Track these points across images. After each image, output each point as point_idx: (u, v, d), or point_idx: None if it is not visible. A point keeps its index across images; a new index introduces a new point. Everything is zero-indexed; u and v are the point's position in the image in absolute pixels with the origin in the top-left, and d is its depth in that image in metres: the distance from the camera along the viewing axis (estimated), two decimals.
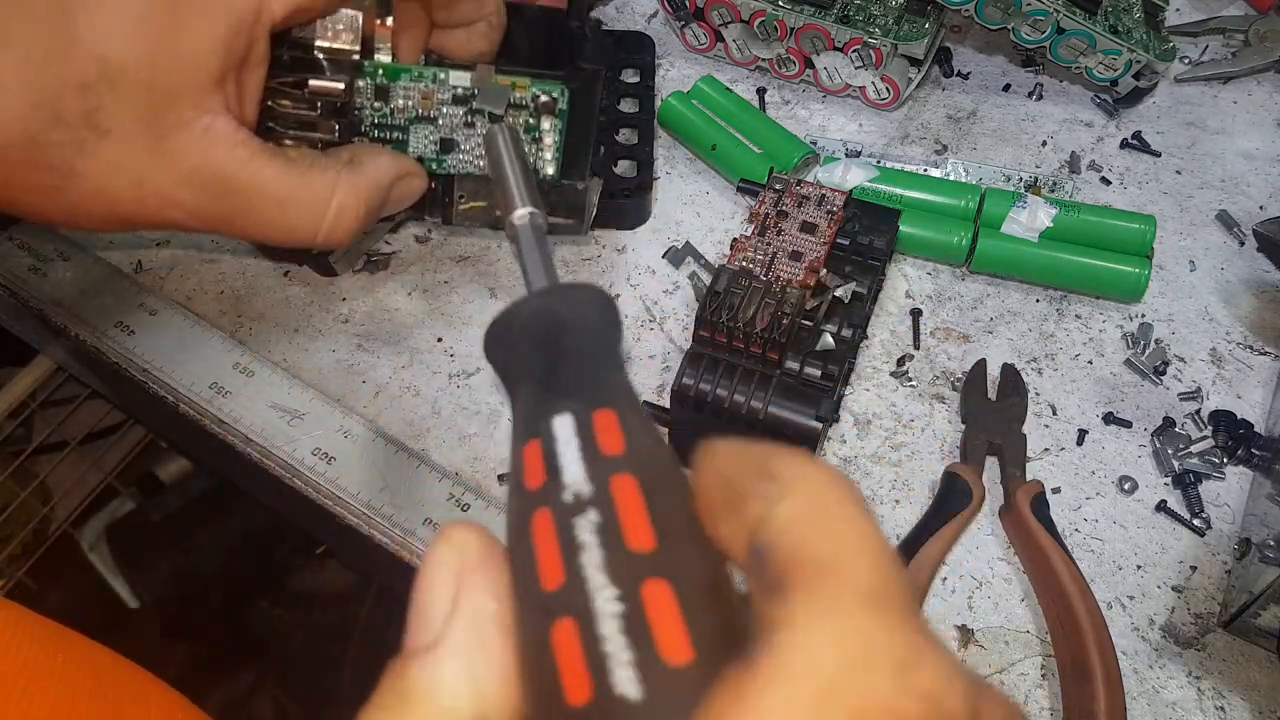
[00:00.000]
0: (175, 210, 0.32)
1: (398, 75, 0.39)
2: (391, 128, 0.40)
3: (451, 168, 0.41)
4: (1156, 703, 0.41)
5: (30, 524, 0.90)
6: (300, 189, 0.33)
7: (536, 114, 0.40)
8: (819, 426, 0.40)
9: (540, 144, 0.41)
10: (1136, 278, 0.51)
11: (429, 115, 0.40)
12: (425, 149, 0.40)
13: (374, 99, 0.39)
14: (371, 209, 0.36)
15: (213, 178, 0.32)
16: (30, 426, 0.91)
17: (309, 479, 0.47)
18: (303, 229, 0.34)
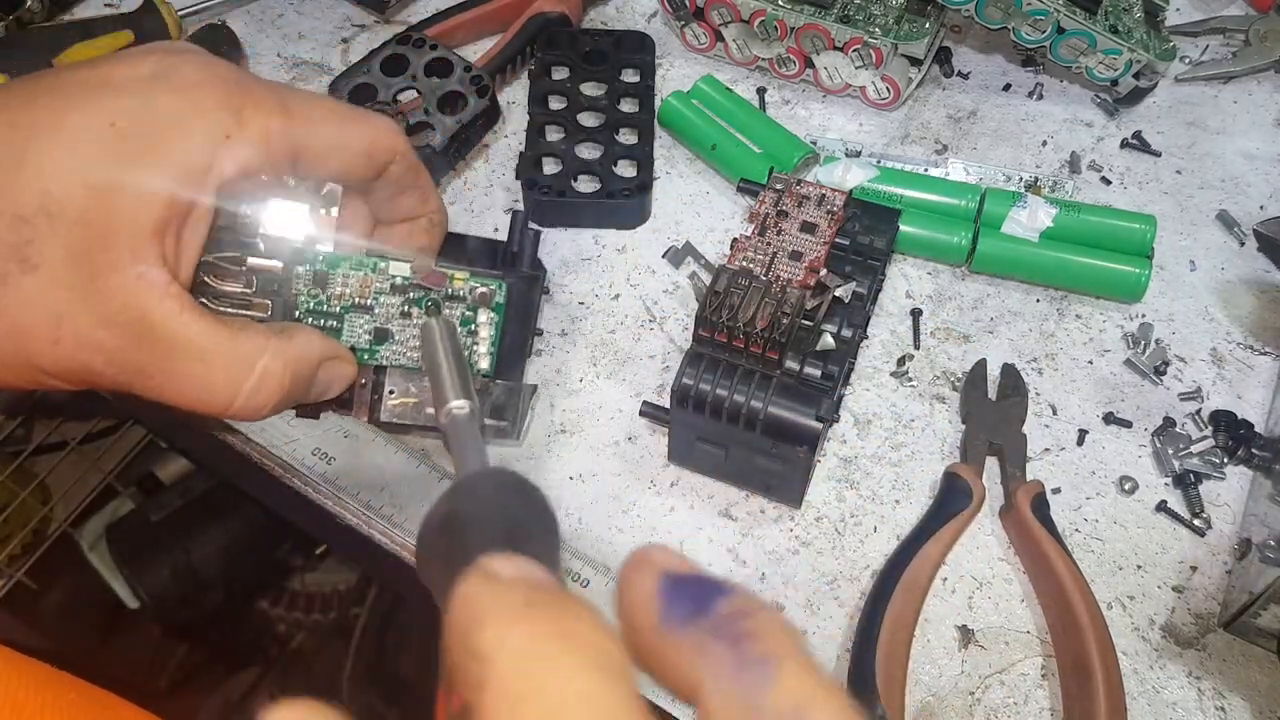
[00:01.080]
0: (91, 353, 0.31)
1: (337, 264, 0.39)
2: (327, 314, 0.39)
3: (384, 359, 0.40)
4: (1156, 703, 0.41)
5: (30, 524, 0.90)
6: (226, 347, 0.32)
7: (474, 307, 0.40)
8: (819, 426, 0.40)
9: (476, 337, 0.41)
10: (1137, 278, 0.51)
11: (365, 304, 0.39)
12: (359, 338, 0.40)
13: (311, 284, 0.39)
14: (297, 381, 0.35)
15: (137, 323, 0.31)
16: (30, 426, 0.91)
17: (309, 479, 0.47)
18: (222, 390, 0.33)
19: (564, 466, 0.48)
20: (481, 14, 0.64)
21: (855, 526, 0.46)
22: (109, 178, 0.30)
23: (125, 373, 0.32)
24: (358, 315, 0.39)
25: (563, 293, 0.54)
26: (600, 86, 0.60)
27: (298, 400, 0.36)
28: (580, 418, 0.49)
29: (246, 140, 0.32)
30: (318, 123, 0.34)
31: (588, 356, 0.51)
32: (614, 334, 0.52)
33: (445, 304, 0.40)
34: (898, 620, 0.41)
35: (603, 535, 0.46)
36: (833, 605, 0.44)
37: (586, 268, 0.55)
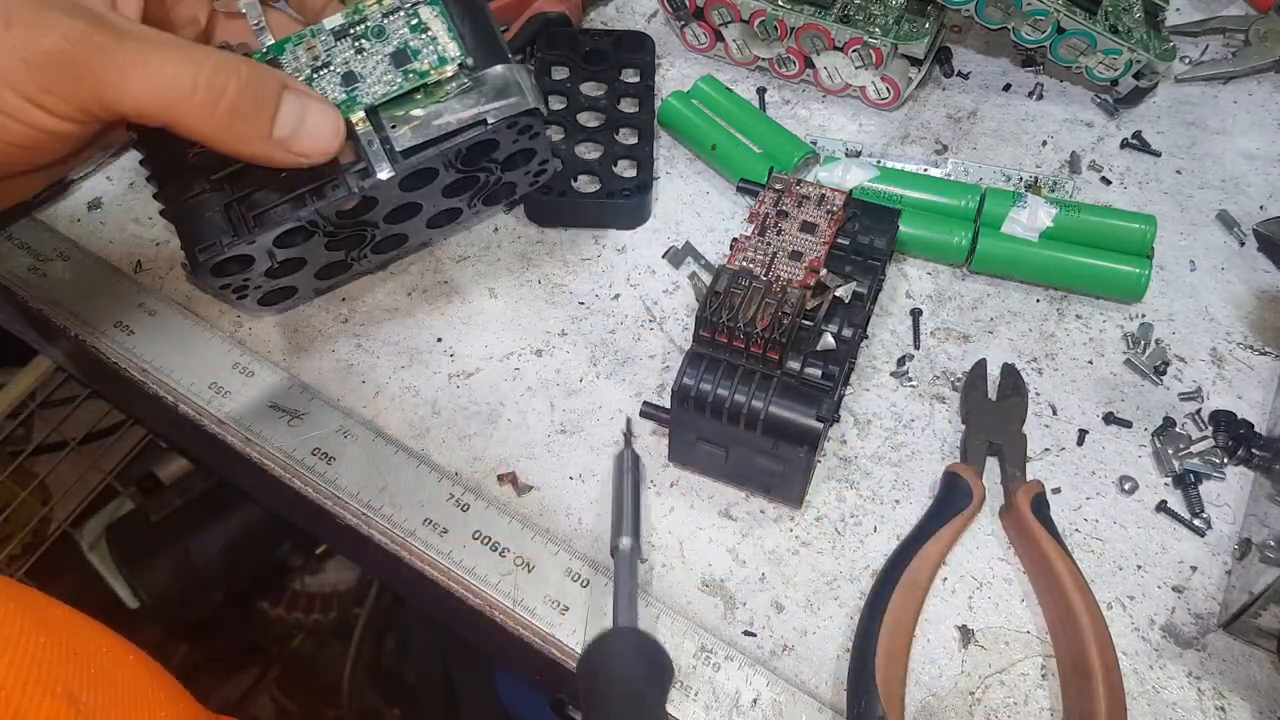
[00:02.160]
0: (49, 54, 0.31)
1: (282, 49, 0.40)
2: None
3: (365, 96, 0.40)
4: (1156, 703, 0.41)
5: (30, 524, 0.90)
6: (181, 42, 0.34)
7: (411, 11, 0.41)
8: (819, 426, 0.40)
9: (429, 34, 0.41)
10: (1137, 278, 0.51)
11: (322, 63, 0.40)
12: (334, 94, 0.40)
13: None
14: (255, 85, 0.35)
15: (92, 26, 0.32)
16: (30, 426, 0.91)
17: (309, 479, 0.47)
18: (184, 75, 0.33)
19: (564, 466, 0.48)
20: None
21: (855, 526, 0.46)
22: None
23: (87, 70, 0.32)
24: (321, 74, 0.40)
25: (563, 293, 0.54)
26: (600, 86, 0.60)
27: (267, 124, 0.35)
28: (580, 418, 0.49)
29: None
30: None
31: (588, 356, 0.51)
32: (614, 334, 0.52)
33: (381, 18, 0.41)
34: (898, 620, 0.41)
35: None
36: (833, 605, 0.44)
37: (586, 268, 0.55)
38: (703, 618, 0.44)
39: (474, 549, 0.45)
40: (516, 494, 0.47)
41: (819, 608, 0.44)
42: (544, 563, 0.45)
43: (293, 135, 0.36)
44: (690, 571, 0.45)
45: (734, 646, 0.43)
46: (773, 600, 0.44)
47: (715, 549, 0.45)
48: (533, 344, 0.52)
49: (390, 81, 0.40)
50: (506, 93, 0.41)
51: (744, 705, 0.41)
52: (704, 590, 0.44)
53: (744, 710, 0.41)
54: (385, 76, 0.40)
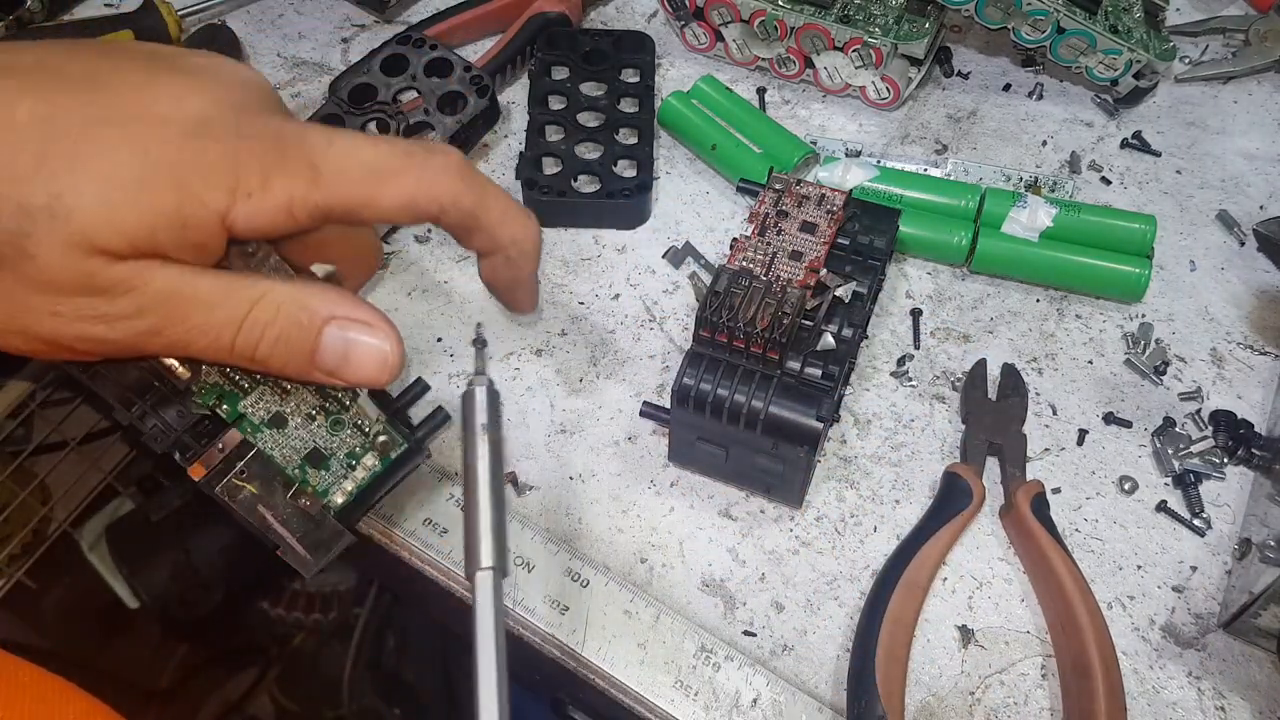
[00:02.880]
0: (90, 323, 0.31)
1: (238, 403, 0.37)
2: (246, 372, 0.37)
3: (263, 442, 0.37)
4: (1156, 703, 0.41)
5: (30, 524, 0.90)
6: (230, 289, 0.32)
7: (366, 447, 0.38)
8: (819, 426, 0.40)
9: (349, 475, 0.38)
10: (1137, 278, 0.51)
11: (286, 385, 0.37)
12: (258, 411, 0.37)
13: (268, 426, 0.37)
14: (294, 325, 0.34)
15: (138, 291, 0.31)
16: (30, 426, 0.91)
17: None
18: (225, 329, 0.33)
19: (564, 466, 0.48)
20: (481, 14, 0.64)
21: (855, 526, 0.46)
22: (124, 201, 0.30)
23: (130, 334, 0.32)
24: (272, 389, 0.37)
25: (563, 293, 0.54)
26: (600, 86, 0.60)
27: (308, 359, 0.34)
28: (580, 418, 0.49)
29: (267, 204, 0.32)
30: (352, 185, 0.33)
31: (588, 356, 0.51)
32: (614, 334, 0.52)
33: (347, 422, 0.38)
34: (898, 620, 0.41)
35: (603, 535, 0.46)
36: (833, 605, 0.44)
37: (586, 268, 0.55)
38: (703, 618, 0.44)
39: None
40: (516, 494, 0.47)
41: (819, 608, 0.44)
42: (544, 563, 0.45)
43: (338, 368, 0.35)
44: (690, 571, 0.45)
45: (734, 646, 0.43)
46: (773, 600, 0.44)
47: (715, 549, 0.45)
48: (533, 344, 0.52)
49: (289, 458, 0.37)
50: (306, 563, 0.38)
51: (744, 705, 0.41)
52: (704, 590, 0.44)
53: (744, 710, 0.41)
54: (290, 451, 0.38)
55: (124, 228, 0.30)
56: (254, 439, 0.37)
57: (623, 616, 0.43)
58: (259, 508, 0.38)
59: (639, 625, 0.43)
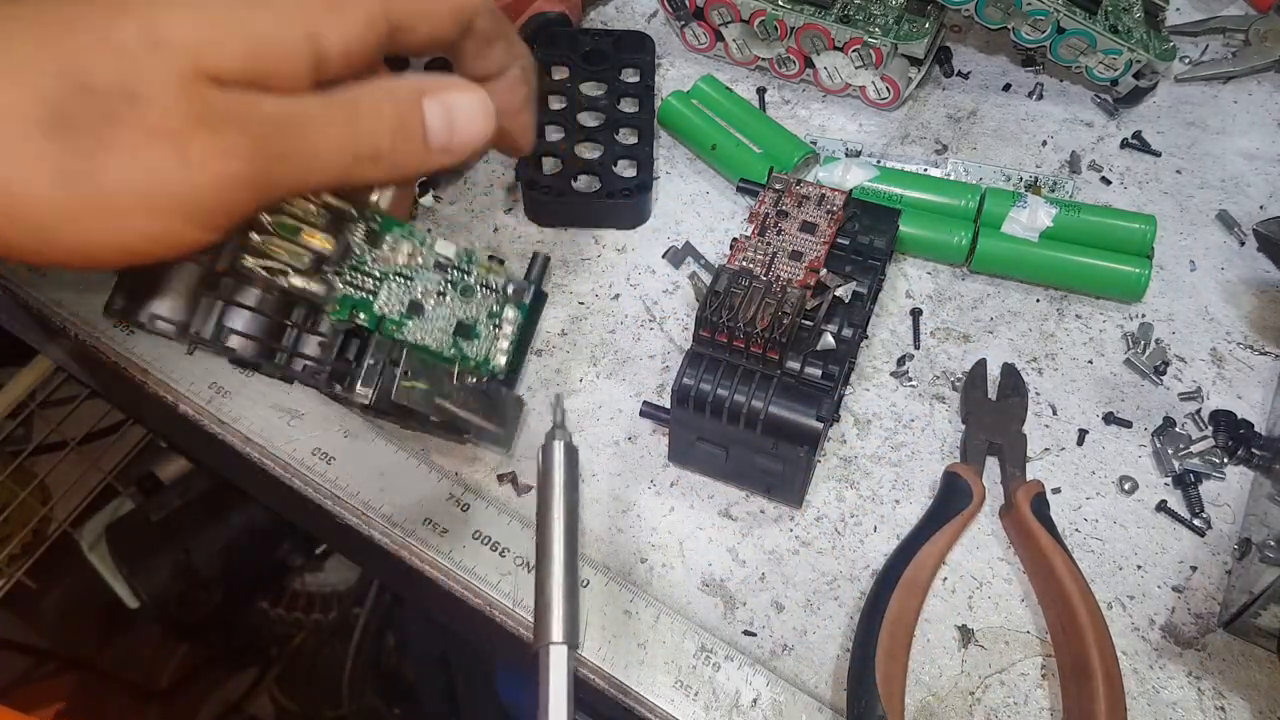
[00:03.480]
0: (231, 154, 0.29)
1: (390, 227, 0.37)
2: (367, 274, 0.36)
3: (410, 335, 0.37)
4: (1156, 703, 0.41)
5: (30, 524, 0.90)
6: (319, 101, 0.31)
7: (502, 301, 0.39)
8: (819, 426, 0.40)
9: (499, 332, 0.39)
10: (1137, 278, 0.51)
11: (407, 274, 0.37)
12: (393, 307, 0.37)
13: (364, 239, 0.36)
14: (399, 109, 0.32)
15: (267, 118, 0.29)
16: (30, 426, 0.91)
17: (309, 479, 0.47)
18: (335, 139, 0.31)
19: None
20: None
21: (855, 526, 0.46)
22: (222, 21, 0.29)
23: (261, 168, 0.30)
24: (397, 282, 0.37)
25: (563, 293, 0.54)
26: (600, 86, 0.60)
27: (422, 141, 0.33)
28: (580, 418, 0.49)
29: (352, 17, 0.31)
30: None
31: (588, 356, 0.51)
32: (614, 334, 0.52)
33: (475, 284, 0.38)
34: (898, 620, 0.41)
35: (603, 535, 0.46)
36: (833, 605, 0.44)
37: (586, 268, 0.55)
38: (703, 618, 0.44)
39: (474, 549, 0.45)
40: (516, 494, 0.47)
41: (819, 608, 0.44)
42: None
43: (451, 138, 0.34)
44: (690, 571, 0.45)
45: (734, 646, 0.43)
46: (773, 600, 0.44)
47: (715, 549, 0.45)
48: (533, 344, 0.52)
49: (440, 340, 0.37)
50: (501, 437, 0.42)
51: (744, 705, 0.41)
52: (704, 590, 0.44)
53: (744, 710, 0.41)
54: (438, 333, 0.37)
55: (228, 49, 0.29)
56: (401, 335, 0.37)
57: (623, 616, 0.43)
58: (437, 400, 0.39)
59: (639, 625, 0.43)
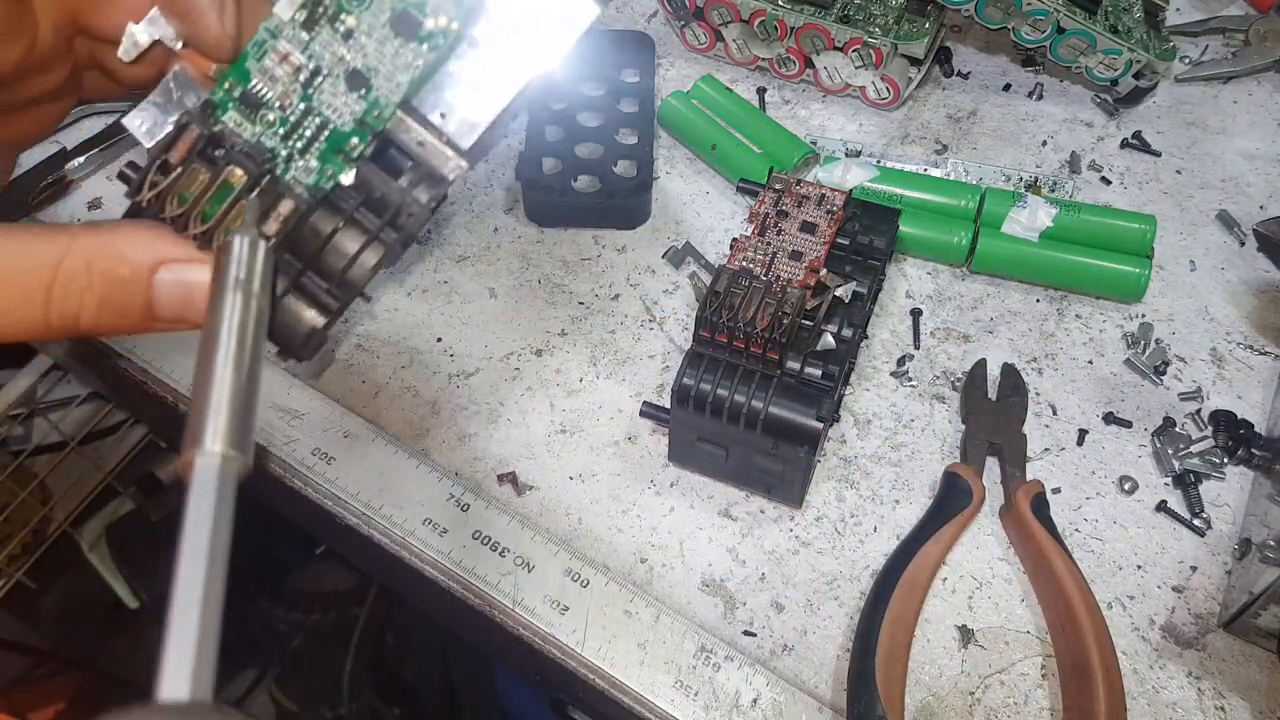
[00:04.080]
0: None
1: (245, 73, 0.29)
2: (297, 132, 0.29)
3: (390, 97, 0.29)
4: (1156, 703, 0.41)
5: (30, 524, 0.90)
6: (21, 259, 0.26)
7: None
8: (819, 426, 0.40)
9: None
10: (1137, 278, 0.51)
11: (309, 71, 0.29)
12: (348, 116, 0.29)
13: (250, 119, 0.29)
14: (115, 284, 0.27)
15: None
16: (30, 426, 0.91)
17: (309, 479, 0.47)
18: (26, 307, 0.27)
19: (564, 466, 0.48)
20: None
21: (855, 526, 0.46)
22: None
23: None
24: (319, 89, 0.29)
25: (563, 293, 0.54)
26: (600, 86, 0.60)
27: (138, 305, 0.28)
28: (580, 418, 0.49)
29: None
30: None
31: (588, 356, 0.51)
32: (614, 334, 0.52)
33: None
34: (898, 620, 0.41)
35: (603, 535, 0.46)
36: (833, 605, 0.44)
37: (586, 268, 0.55)
38: (703, 618, 0.44)
39: (474, 549, 0.45)
40: (516, 494, 0.47)
41: (819, 608, 0.44)
42: (544, 563, 0.45)
43: (184, 314, 0.28)
44: (690, 571, 0.45)
45: (734, 646, 0.43)
46: (773, 600, 0.44)
47: (715, 549, 0.45)
48: (533, 344, 0.52)
49: (410, 63, 0.28)
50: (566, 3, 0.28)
51: (744, 705, 0.41)
52: (704, 590, 0.44)
53: (744, 710, 0.41)
54: (401, 58, 0.28)
55: None
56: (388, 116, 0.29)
57: (623, 616, 0.43)
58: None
59: (639, 625, 0.43)
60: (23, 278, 0.26)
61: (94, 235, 0.27)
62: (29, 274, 0.26)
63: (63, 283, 0.27)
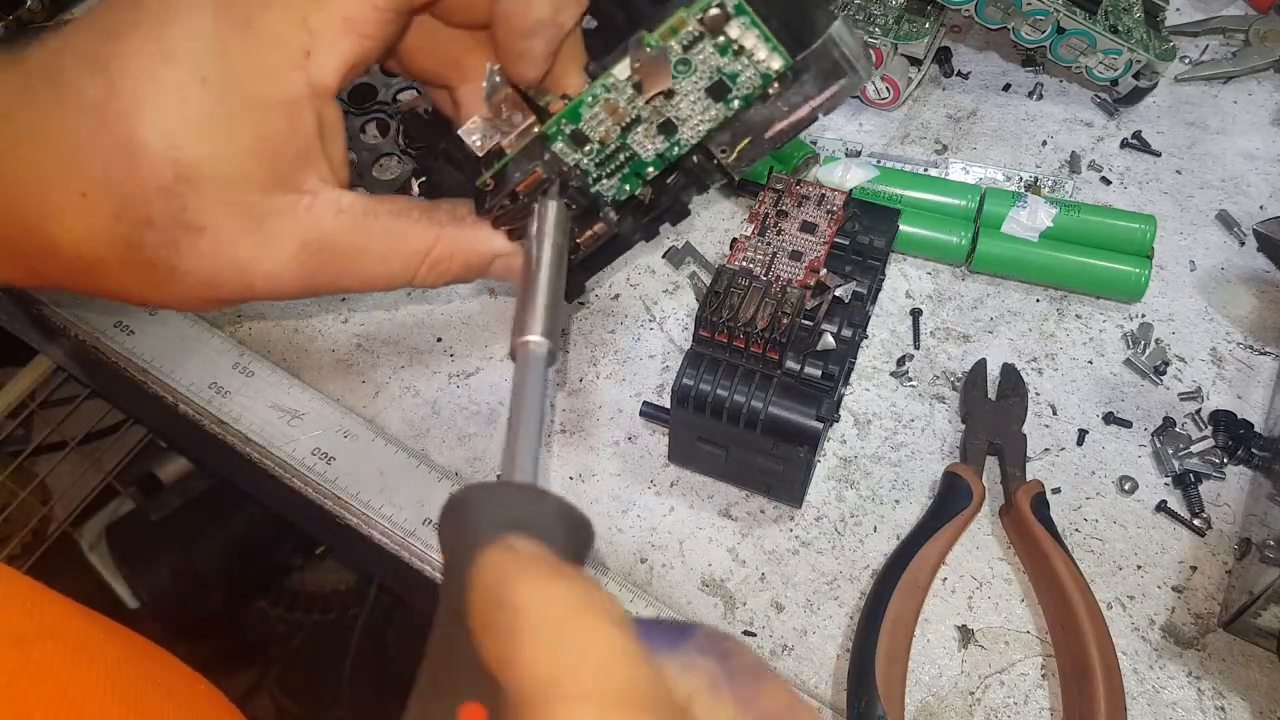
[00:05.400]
0: (284, 286, 0.32)
1: (578, 115, 0.34)
2: (610, 160, 0.35)
3: (689, 138, 0.35)
4: (1156, 703, 0.41)
5: (30, 524, 0.90)
6: (401, 243, 0.33)
7: (715, 34, 0.32)
8: (819, 426, 0.40)
9: (751, 56, 0.33)
10: (1136, 278, 0.51)
11: (630, 122, 0.34)
12: (652, 151, 0.35)
13: (575, 149, 0.35)
14: (469, 269, 0.36)
15: (320, 249, 0.32)
16: (30, 426, 0.91)
17: (309, 479, 0.47)
18: (400, 276, 0.34)
19: (564, 466, 0.48)
20: None
21: (855, 526, 0.46)
22: (222, 133, 0.29)
23: (316, 288, 0.33)
24: (633, 134, 0.35)
25: None
26: None
27: (475, 277, 0.37)
28: (580, 418, 0.49)
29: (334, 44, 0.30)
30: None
31: (588, 356, 0.51)
32: (614, 334, 0.52)
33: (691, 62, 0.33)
34: (898, 620, 0.41)
35: (603, 535, 0.46)
36: (833, 605, 0.44)
37: None
38: (703, 618, 0.44)
39: None
40: None
41: (819, 608, 0.44)
42: None
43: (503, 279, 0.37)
44: (690, 571, 0.45)
45: None
46: (773, 600, 0.44)
47: (715, 549, 0.45)
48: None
49: (714, 117, 0.34)
50: (835, 73, 0.33)
51: None
52: (704, 590, 0.44)
53: None
54: (707, 113, 0.34)
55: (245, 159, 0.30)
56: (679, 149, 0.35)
57: None
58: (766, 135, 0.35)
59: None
60: (402, 257, 0.34)
61: (458, 229, 0.35)
62: (407, 255, 0.34)
63: (430, 264, 0.34)
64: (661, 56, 0.33)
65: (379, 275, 0.34)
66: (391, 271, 0.34)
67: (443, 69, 0.36)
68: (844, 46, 0.33)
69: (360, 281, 0.34)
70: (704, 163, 0.37)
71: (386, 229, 0.33)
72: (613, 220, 0.37)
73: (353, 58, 0.30)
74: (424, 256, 0.34)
